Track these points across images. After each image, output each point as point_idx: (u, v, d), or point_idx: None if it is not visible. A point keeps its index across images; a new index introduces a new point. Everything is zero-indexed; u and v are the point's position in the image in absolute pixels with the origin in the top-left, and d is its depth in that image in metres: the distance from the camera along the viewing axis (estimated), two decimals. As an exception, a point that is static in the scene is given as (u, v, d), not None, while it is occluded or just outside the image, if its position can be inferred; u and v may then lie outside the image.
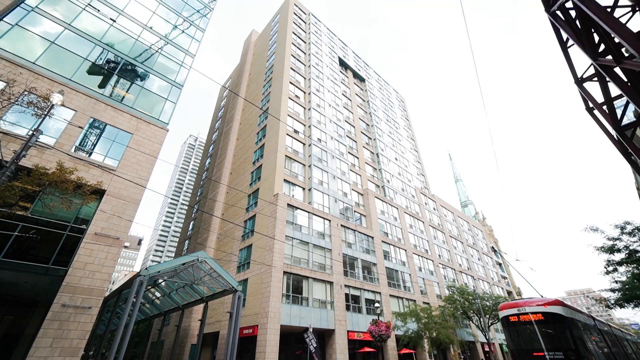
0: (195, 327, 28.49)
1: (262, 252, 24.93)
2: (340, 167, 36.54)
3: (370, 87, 59.35)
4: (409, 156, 57.90)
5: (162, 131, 18.74)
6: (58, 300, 12.37)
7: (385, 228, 37.49)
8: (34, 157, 13.42)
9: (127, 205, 15.48)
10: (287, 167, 30.88)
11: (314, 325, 22.40)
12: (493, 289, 52.32)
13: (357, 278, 29.25)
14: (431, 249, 43.55)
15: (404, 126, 64.87)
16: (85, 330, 12.60)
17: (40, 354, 11.43)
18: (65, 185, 10.76)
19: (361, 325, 26.19)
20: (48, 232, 12.94)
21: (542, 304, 12.57)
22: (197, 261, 18.52)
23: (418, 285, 36.18)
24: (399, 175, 49.05)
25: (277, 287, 22.50)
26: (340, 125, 41.54)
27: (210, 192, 40.66)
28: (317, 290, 25.27)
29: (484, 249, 60.67)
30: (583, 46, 6.79)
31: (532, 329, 12.28)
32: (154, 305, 30.37)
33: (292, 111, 36.09)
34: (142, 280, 16.26)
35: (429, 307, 29.76)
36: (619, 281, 21.06)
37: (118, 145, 16.73)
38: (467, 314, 34.41)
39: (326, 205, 31.15)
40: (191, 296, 24.28)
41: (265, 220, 26.65)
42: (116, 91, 18.25)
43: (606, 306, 22.31)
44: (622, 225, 19.05)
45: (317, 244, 27.44)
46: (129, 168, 16.33)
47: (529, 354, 11.99)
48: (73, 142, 15.13)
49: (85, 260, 13.48)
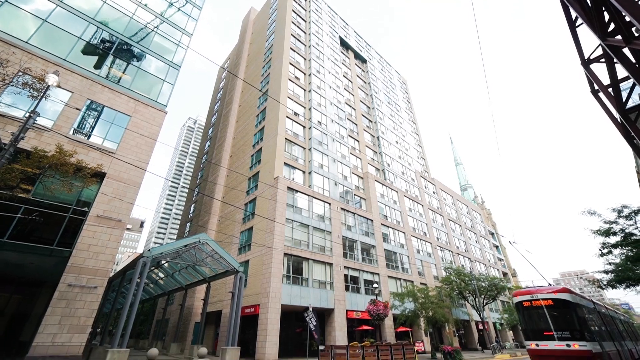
0: (198, 306, 29.33)
1: (263, 234, 25.27)
2: (341, 151, 36.38)
3: (371, 69, 58.09)
4: (409, 139, 57.51)
5: (161, 113, 18.52)
6: (64, 281, 12.67)
7: (384, 211, 37.81)
8: (32, 140, 13.35)
9: (127, 188, 15.54)
10: (287, 150, 30.74)
11: (313, 305, 23.03)
12: (489, 270, 53.45)
13: (356, 260, 29.81)
14: (430, 231, 44.11)
15: (405, 109, 64.03)
16: (92, 309, 12.98)
17: (49, 331, 11.84)
18: (65, 168, 10.75)
19: (360, 304, 26.95)
20: (51, 215, 13.07)
21: (551, 291, 14.53)
22: (198, 243, 18.82)
23: (416, 267, 36.92)
24: (399, 159, 48.92)
25: (277, 268, 22.98)
26: (340, 108, 40.99)
27: (211, 175, 40.70)
28: (317, 272, 25.82)
29: (481, 231, 61.45)
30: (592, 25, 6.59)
31: (542, 313, 14.30)
32: (157, 286, 31.17)
33: (292, 93, 35.51)
34: (145, 262, 16.59)
35: (426, 288, 30.49)
36: (613, 263, 21.49)
37: (116, 127, 16.58)
38: (463, 294, 35.34)
39: (326, 189, 31.27)
40: (194, 277, 24.86)
41: (266, 203, 26.84)
42: (112, 72, 17.88)
43: (599, 287, 22.89)
44: (620, 209, 19.20)
45: (317, 227, 27.77)
46: (128, 151, 16.26)
47: (540, 334, 13.96)
48: (71, 125, 14.99)
49: (89, 242, 13.70)
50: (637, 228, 18.90)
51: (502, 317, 45.06)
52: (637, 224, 18.84)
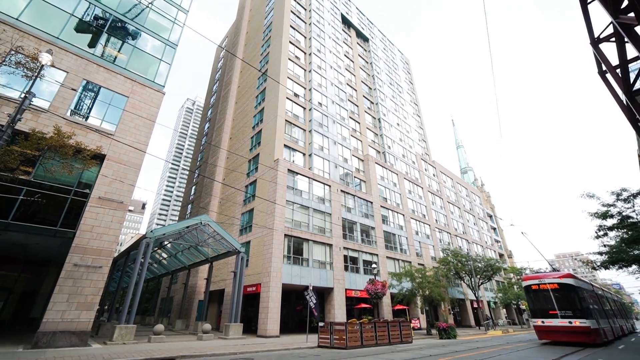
0: (201, 285, 30.11)
1: (264, 216, 25.53)
2: (341, 133, 36.05)
3: (374, 48, 56.46)
4: (411, 121, 56.83)
5: (159, 94, 18.20)
6: (69, 260, 12.94)
7: (384, 193, 37.99)
8: (29, 121, 13.21)
9: (128, 169, 15.53)
10: (287, 132, 30.46)
11: (313, 284, 23.63)
12: (486, 251, 54.41)
13: (355, 241, 30.28)
14: (428, 214, 44.52)
15: (407, 90, 62.83)
16: (98, 288, 13.33)
17: (58, 308, 12.22)
18: (64, 150, 10.69)
19: (359, 284, 27.65)
20: (53, 196, 13.15)
21: (557, 276, 16.83)
22: (200, 224, 19.06)
23: (414, 248, 37.56)
24: (400, 141, 48.56)
25: (278, 249, 23.39)
26: (341, 89, 40.22)
27: (211, 157, 40.56)
28: (317, 252, 26.30)
29: (480, 214, 62.03)
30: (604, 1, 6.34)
31: (548, 295, 16.43)
32: (161, 265, 31.87)
33: (292, 73, 34.72)
34: (148, 242, 16.88)
35: (423, 268, 31.16)
36: (608, 245, 21.86)
37: (114, 108, 16.35)
38: (459, 274, 36.18)
39: (326, 171, 31.26)
40: (196, 257, 25.37)
41: (266, 185, 26.92)
42: (107, 51, 17.41)
43: (592, 268, 23.42)
44: (619, 192, 19.28)
45: (317, 209, 28.01)
46: (127, 132, 16.13)
47: (546, 312, 16.28)
48: (68, 106, 14.78)
49: (92, 223, 13.86)
50: (634, 211, 19.06)
51: (496, 296, 46.38)
52: (634, 207, 18.99)
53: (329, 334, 15.20)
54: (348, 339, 14.50)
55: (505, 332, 29.25)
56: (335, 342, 14.76)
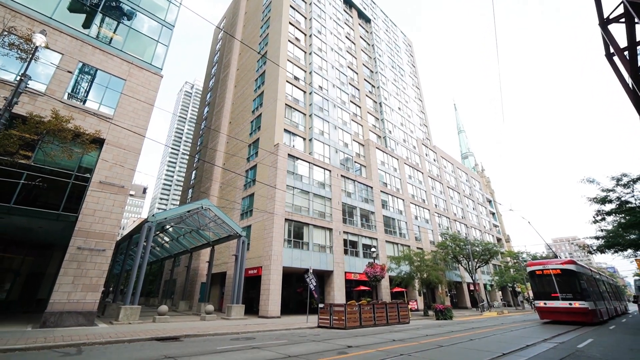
0: (203, 268, 30.69)
1: (264, 200, 25.67)
2: (342, 117, 35.66)
3: (376, 29, 54.91)
4: (412, 106, 56.09)
5: (156, 77, 17.89)
6: (73, 244, 13.14)
7: (384, 178, 38.03)
8: (26, 105, 13.05)
9: (128, 154, 15.49)
10: (287, 116, 30.14)
11: (314, 267, 24.06)
12: (484, 236, 55.04)
13: (355, 225, 30.59)
14: (428, 198, 44.73)
15: (409, 73, 61.63)
16: (102, 270, 13.60)
17: (64, 290, 12.52)
18: (63, 134, 10.62)
19: (358, 267, 28.17)
20: (54, 181, 13.18)
21: (560, 263, 18.12)
22: (201, 209, 19.21)
23: (413, 233, 37.99)
24: (401, 126, 48.11)
25: (279, 233, 23.67)
26: (342, 72, 39.45)
27: (211, 142, 40.33)
28: (317, 236, 26.63)
29: (479, 199, 62.31)
30: (615, -19, 6.11)
31: (550, 279, 17.90)
32: (164, 249, 32.36)
33: (292, 56, 33.96)
34: (150, 226, 17.07)
35: (422, 252, 31.64)
36: (605, 230, 22.09)
37: (112, 92, 16.12)
38: (457, 258, 36.76)
39: (327, 156, 31.17)
40: (198, 241, 25.72)
41: (266, 170, 26.91)
42: (103, 32, 16.97)
43: (588, 252, 23.82)
44: (619, 177, 19.28)
45: (317, 193, 28.12)
46: (125, 116, 15.97)
47: (548, 295, 17.83)
48: (64, 89, 14.56)
49: (94, 207, 13.97)
50: (633, 196, 19.13)
51: (493, 279, 47.32)
52: (634, 193, 19.04)
53: (329, 315, 15.62)
54: (347, 319, 14.91)
55: (500, 314, 30.05)
56: (335, 323, 15.20)
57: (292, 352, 8.19)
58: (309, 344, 9.90)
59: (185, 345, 9.44)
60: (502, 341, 10.61)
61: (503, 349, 8.72)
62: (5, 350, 7.59)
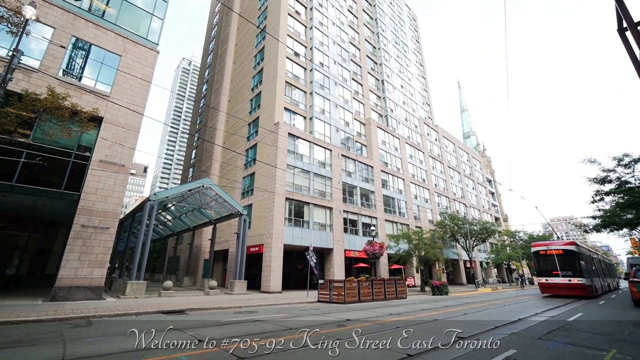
0: (206, 245, 31.34)
1: (265, 179, 25.77)
2: (343, 95, 34.99)
3: (379, 2, 52.58)
4: (415, 83, 54.84)
5: (153, 52, 17.39)
6: (77, 222, 13.36)
7: (385, 158, 37.92)
8: (21, 82, 12.81)
9: (127, 132, 15.38)
10: (287, 94, 29.57)
11: (314, 245, 24.56)
12: (483, 215, 55.71)
13: (355, 204, 30.88)
14: (428, 178, 44.81)
15: (413, 49, 59.72)
16: (107, 247, 13.92)
17: (71, 266, 12.89)
18: (60, 112, 10.49)
19: (357, 245, 28.75)
20: (54, 159, 13.18)
21: (562, 244, 19.88)
22: (202, 188, 19.32)
23: (412, 212, 38.41)
24: (403, 104, 47.30)
25: (279, 211, 23.95)
26: (344, 48, 38.22)
27: (210, 120, 39.85)
28: (317, 215, 26.97)
29: (479, 179, 62.42)
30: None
31: (552, 259, 19.55)
32: (166, 227, 32.91)
33: (292, 30, 32.77)
34: (152, 205, 17.26)
35: (420, 231, 32.16)
36: (602, 209, 22.32)
37: (107, 68, 15.74)
38: (455, 236, 37.42)
39: (327, 135, 30.90)
40: (200, 219, 26.10)
41: (267, 149, 26.79)
42: (95, 4, 16.31)
43: (584, 231, 24.28)
44: (621, 157, 19.20)
45: (318, 173, 28.17)
46: (123, 94, 15.70)
47: (550, 272, 19.56)
48: (59, 65, 14.21)
49: (95, 186, 14.07)
50: (633, 176, 19.15)
51: (489, 257, 48.45)
52: (634, 173, 19.05)
53: (328, 291, 16.15)
54: (346, 295, 15.42)
55: (494, 290, 31.02)
56: (334, 298, 15.74)
57: (293, 324, 8.55)
58: (309, 317, 10.31)
59: (191, 318, 9.84)
60: (494, 315, 11.03)
61: (495, 322, 9.09)
62: (19, 322, 7.93)
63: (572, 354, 5.63)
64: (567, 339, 6.97)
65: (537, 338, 7.00)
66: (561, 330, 8.11)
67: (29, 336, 6.57)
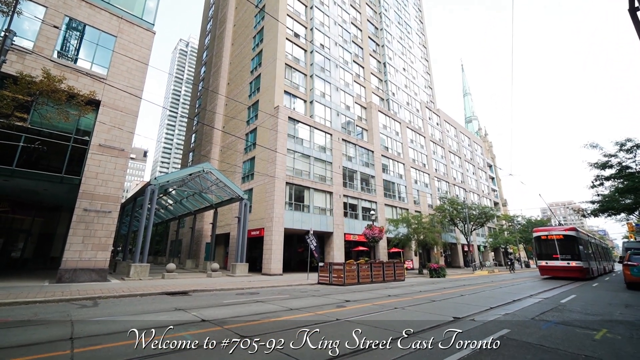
0: (208, 229, 31.71)
1: (265, 164, 25.74)
2: (344, 78, 34.35)
3: (381, -21, 50.59)
4: (418, 66, 53.69)
5: (149, 33, 16.96)
6: (79, 206, 13.48)
7: (386, 142, 37.69)
8: (15, 64, 12.57)
9: (125, 116, 15.24)
10: (287, 77, 29.02)
11: (314, 229, 24.83)
12: (482, 200, 55.98)
13: (355, 189, 30.99)
14: (429, 163, 44.72)
15: (416, 30, 58.06)
16: (110, 230, 14.10)
17: (75, 249, 13.11)
18: (57, 95, 10.36)
19: (357, 228, 29.08)
20: (53, 144, 13.14)
21: (563, 229, 20.79)
22: (202, 172, 19.34)
23: (412, 196, 38.59)
24: (405, 88, 46.51)
25: (280, 196, 24.08)
26: (345, 29, 37.16)
27: (209, 104, 39.35)
28: (317, 199, 27.13)
29: (480, 164, 62.29)
30: None
31: (553, 243, 20.52)
32: (168, 211, 33.21)
33: (292, 10, 31.76)
34: (153, 189, 17.34)
35: (419, 215, 32.44)
36: (601, 194, 22.43)
37: (103, 50, 15.40)
38: (454, 221, 37.79)
39: (328, 119, 30.59)
40: (201, 203, 26.29)
41: (267, 133, 26.60)
42: (86, -19, 15.71)
43: (582, 215, 24.58)
44: (623, 142, 19.09)
45: (318, 157, 28.10)
46: (119, 77, 15.44)
47: (550, 256, 20.56)
48: (53, 46, 13.90)
49: (96, 171, 14.10)
50: (635, 162, 19.11)
51: (487, 241, 49.16)
52: (635, 158, 18.99)
53: (328, 273, 16.48)
54: (345, 277, 15.76)
55: (490, 272, 31.64)
56: (334, 280, 16.08)
57: (294, 305, 8.79)
58: (310, 298, 10.58)
59: (194, 299, 10.10)
60: (490, 297, 11.31)
61: (490, 304, 9.33)
62: (27, 302, 8.16)
63: (564, 333, 5.82)
64: (559, 319, 7.18)
65: (530, 318, 7.21)
66: (554, 311, 8.34)
67: (37, 316, 6.77)
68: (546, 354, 4.48)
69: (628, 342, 5.30)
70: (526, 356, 4.36)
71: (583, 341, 5.27)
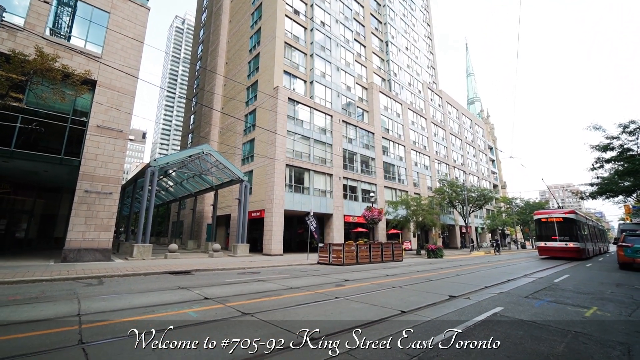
0: (208, 210, 32.00)
1: (265, 146, 25.60)
2: (345, 58, 33.48)
3: (385, -49, 48.15)
4: (421, 45, 52.19)
5: (143, 10, 16.38)
6: (80, 187, 13.54)
7: (386, 124, 37.30)
8: (6, 41, 12.23)
9: (122, 97, 15.00)
10: (286, 56, 28.29)
11: (314, 210, 25.03)
12: (481, 182, 56.13)
13: (355, 171, 31.00)
14: (430, 145, 44.46)
15: (420, 7, 55.97)
16: (112, 212, 14.25)
17: (78, 229, 13.30)
18: (51, 74, 10.14)
19: (356, 210, 29.35)
20: (51, 125, 13.01)
21: (563, 212, 21.78)
22: (202, 154, 19.28)
23: (412, 179, 38.66)
24: (407, 68, 45.43)
25: (280, 178, 24.13)
26: (347, 5, 35.82)
27: (207, 84, 38.62)
28: (317, 181, 27.20)
29: (481, 146, 61.93)
30: None
31: (552, 225, 21.54)
32: (169, 192, 33.37)
33: (291, -16, 30.45)
34: (153, 171, 17.35)
35: (419, 197, 32.64)
36: (601, 177, 22.49)
37: (97, 27, 14.92)
38: (453, 203, 38.07)
39: (328, 100, 30.10)
40: (202, 185, 26.37)
41: (266, 114, 26.28)
42: (75, -47, 14.98)
43: (580, 198, 24.82)
44: (626, 124, 18.90)
45: (318, 139, 27.91)
46: (115, 55, 15.05)
47: (549, 237, 21.62)
48: (45, 23, 13.46)
49: (95, 152, 14.04)
50: (637, 144, 19.00)
51: (484, 223, 49.74)
52: (638, 140, 18.87)
53: (328, 253, 16.81)
54: (345, 257, 16.08)
55: (487, 253, 32.24)
56: (333, 260, 16.43)
57: (294, 284, 9.02)
58: (309, 277, 10.85)
59: (197, 278, 10.36)
60: (485, 276, 11.59)
61: (485, 283, 9.58)
62: (34, 281, 8.38)
63: (555, 310, 6.02)
64: (552, 297, 7.40)
65: (523, 297, 7.42)
66: (547, 290, 8.57)
67: (44, 293, 6.97)
68: (537, 330, 4.65)
69: (617, 320, 5.49)
70: (518, 332, 4.53)
71: (573, 318, 5.46)
